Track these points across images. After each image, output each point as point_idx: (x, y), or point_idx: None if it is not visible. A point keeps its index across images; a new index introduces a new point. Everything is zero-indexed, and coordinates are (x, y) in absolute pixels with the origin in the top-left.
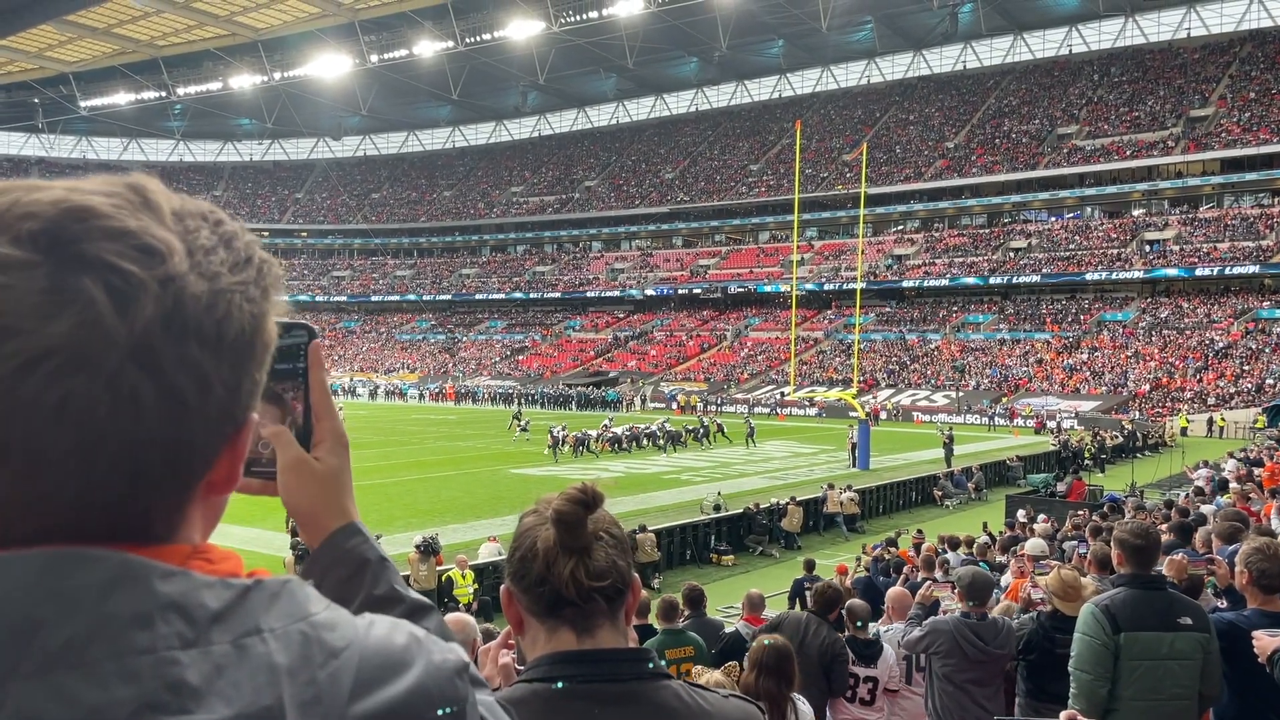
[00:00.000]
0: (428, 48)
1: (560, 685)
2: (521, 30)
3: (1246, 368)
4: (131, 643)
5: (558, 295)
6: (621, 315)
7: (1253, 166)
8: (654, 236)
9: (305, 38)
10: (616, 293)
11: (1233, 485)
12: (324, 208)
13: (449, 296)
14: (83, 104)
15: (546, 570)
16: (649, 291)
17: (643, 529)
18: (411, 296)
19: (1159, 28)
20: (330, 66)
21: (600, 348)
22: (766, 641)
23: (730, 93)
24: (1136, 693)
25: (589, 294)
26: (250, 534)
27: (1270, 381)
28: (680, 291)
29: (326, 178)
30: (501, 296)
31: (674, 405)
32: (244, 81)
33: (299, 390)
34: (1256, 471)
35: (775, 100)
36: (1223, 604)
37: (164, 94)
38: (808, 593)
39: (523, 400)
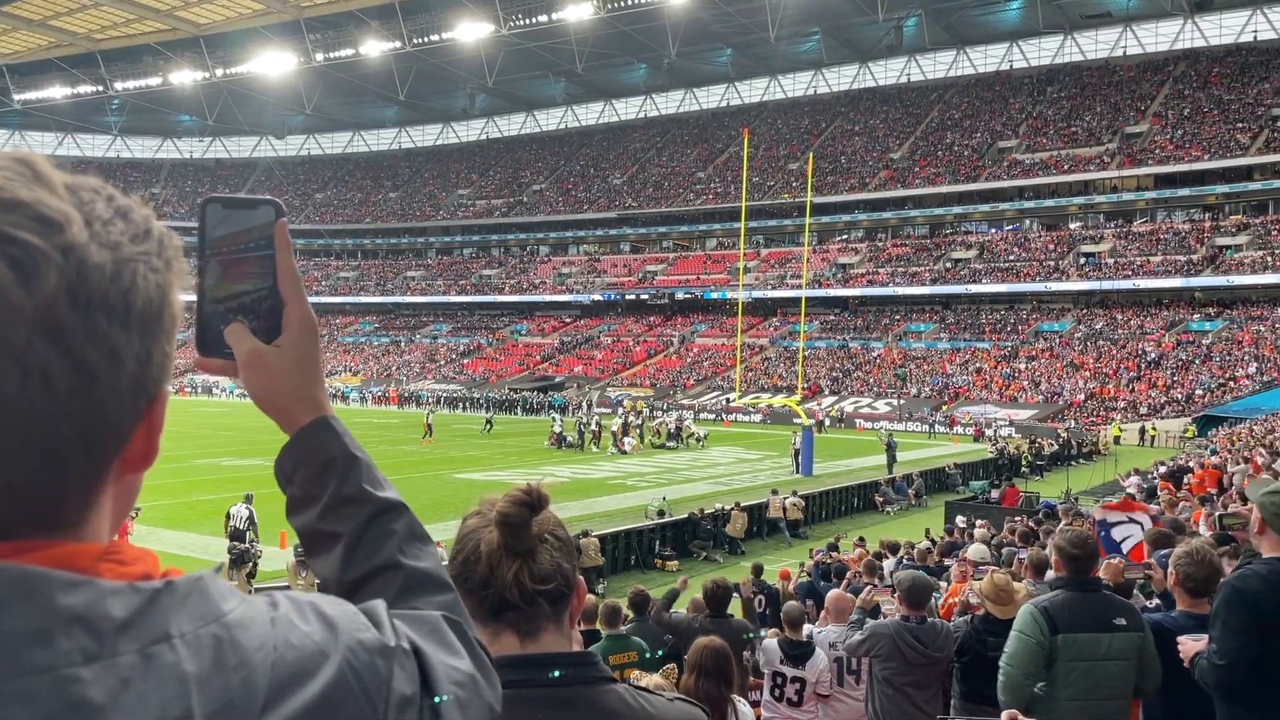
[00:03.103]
0: (374, 47)
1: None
2: (470, 32)
3: (1177, 378)
4: (29, 661)
5: (504, 299)
6: (568, 320)
7: (1185, 182)
8: (602, 242)
9: (248, 34)
10: (564, 297)
11: (1161, 495)
12: None
13: (394, 299)
14: (16, 97)
15: (490, 573)
16: (596, 297)
17: (586, 534)
18: (355, 299)
19: (1096, 45)
20: (274, 64)
21: (547, 352)
22: (704, 643)
23: (679, 100)
24: (1074, 693)
25: (536, 298)
26: (186, 539)
27: (1200, 392)
28: (628, 297)
29: (270, 177)
30: (447, 300)
31: (619, 411)
32: (185, 77)
33: (266, 274)
34: (1186, 478)
35: (724, 108)
36: (1152, 604)
37: (101, 88)
38: (737, 597)
39: (491, 405)
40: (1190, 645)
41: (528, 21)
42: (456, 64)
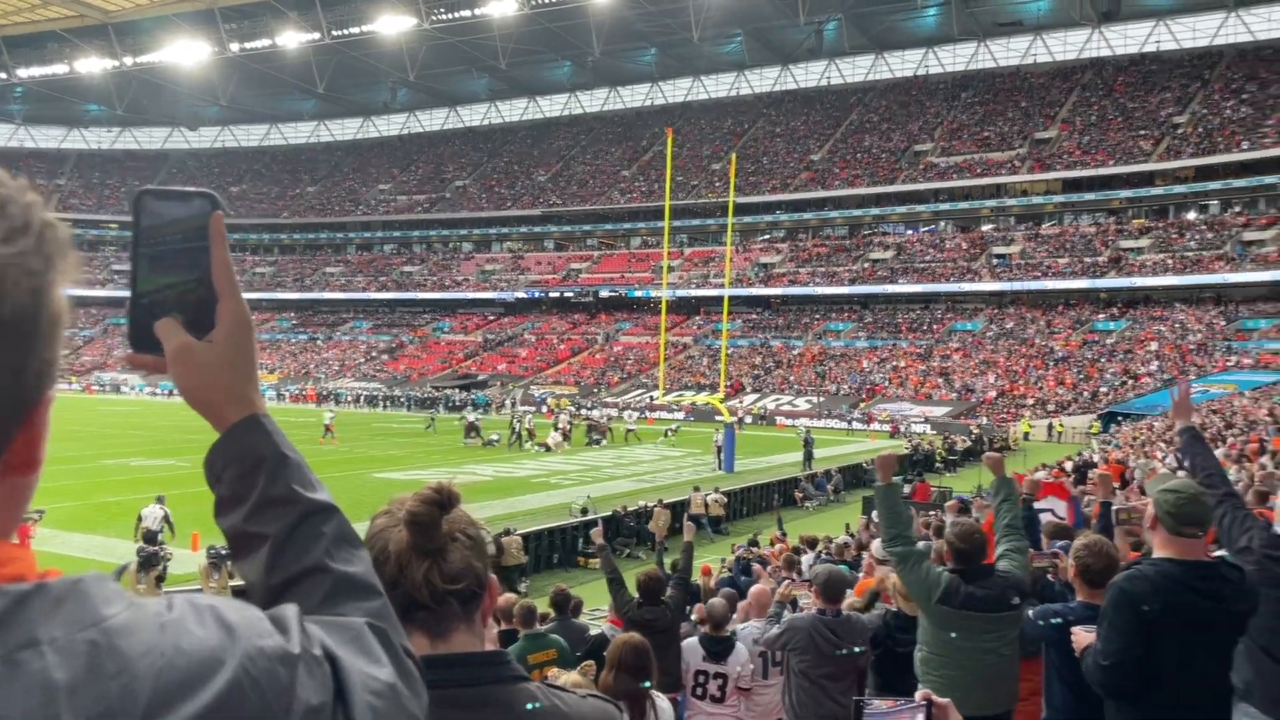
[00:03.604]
0: (292, 39)
1: None
2: (391, 25)
3: (1083, 376)
4: None
5: (426, 296)
6: (492, 317)
7: (1091, 187)
8: (526, 239)
9: (160, 22)
10: (487, 295)
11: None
12: None
13: (312, 295)
14: None
15: (399, 573)
16: (520, 294)
17: (508, 532)
18: (272, 295)
19: (1008, 53)
20: (187, 53)
21: (469, 350)
22: (624, 639)
23: (604, 98)
24: (962, 660)
25: (459, 295)
26: (92, 542)
27: (1104, 390)
28: (552, 295)
29: (182, 168)
30: (367, 296)
31: (543, 409)
32: (92, 65)
33: (199, 267)
34: (1091, 473)
35: (648, 107)
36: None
37: (4, 75)
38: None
39: (421, 404)
40: (1083, 637)
41: (450, 16)
42: (377, 57)
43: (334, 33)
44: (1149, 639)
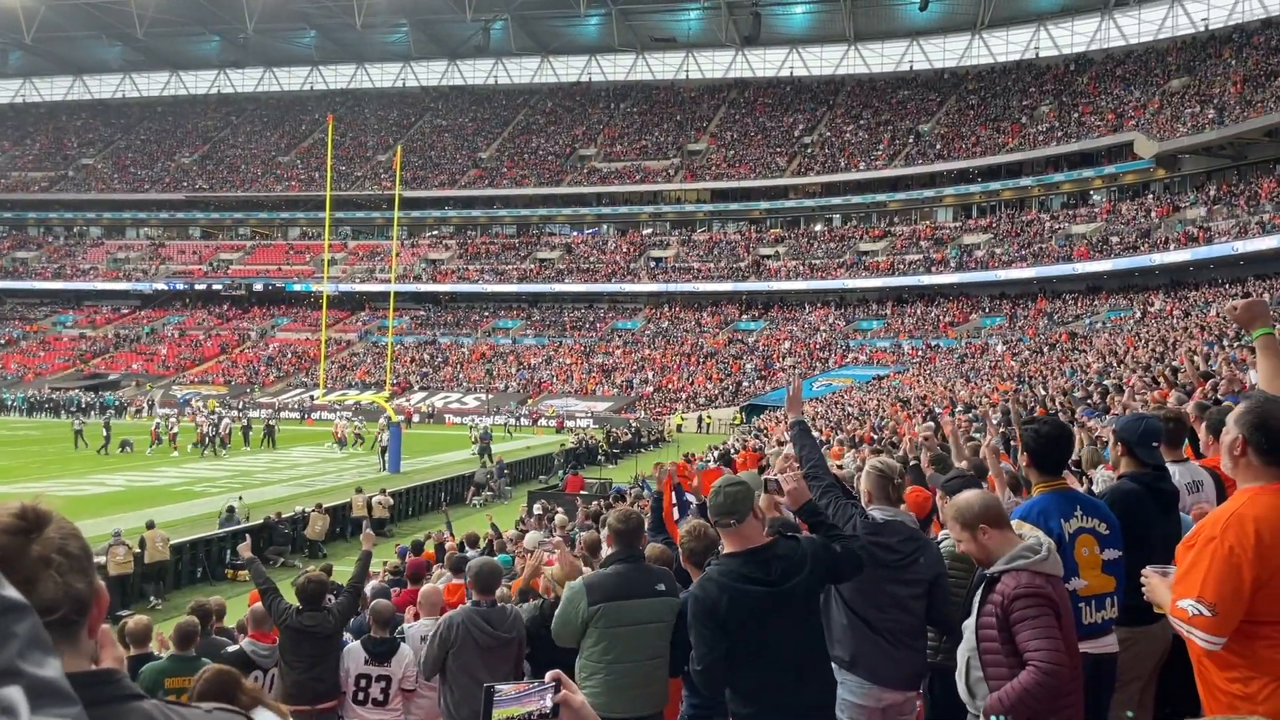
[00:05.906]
0: None
1: None
2: None
3: (728, 372)
4: None
5: (44, 285)
6: (126, 310)
7: (735, 198)
8: (167, 225)
9: None
10: (120, 285)
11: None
12: None
13: None
14: None
15: None
16: (159, 285)
17: (151, 526)
18: None
19: (664, 67)
20: None
21: (98, 346)
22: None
23: (258, 78)
24: (619, 655)
25: (85, 286)
26: None
27: (746, 384)
28: (198, 287)
29: None
30: None
31: (188, 411)
32: None
33: None
34: (733, 458)
35: (308, 92)
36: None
37: None
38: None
39: (33, 408)
40: None
41: None
42: None
43: None
44: (728, 637)
